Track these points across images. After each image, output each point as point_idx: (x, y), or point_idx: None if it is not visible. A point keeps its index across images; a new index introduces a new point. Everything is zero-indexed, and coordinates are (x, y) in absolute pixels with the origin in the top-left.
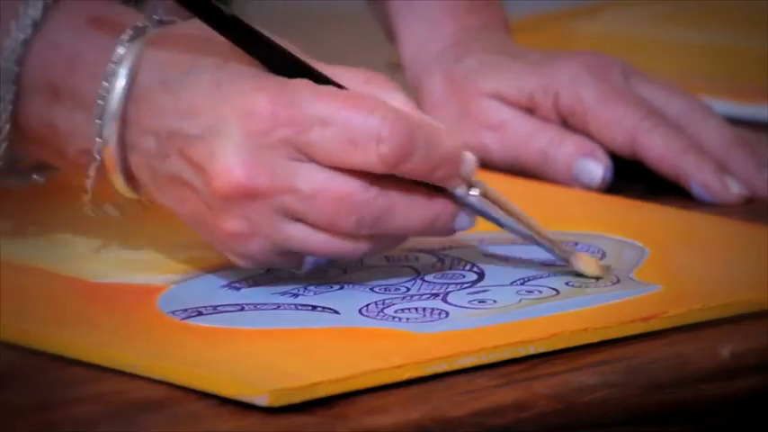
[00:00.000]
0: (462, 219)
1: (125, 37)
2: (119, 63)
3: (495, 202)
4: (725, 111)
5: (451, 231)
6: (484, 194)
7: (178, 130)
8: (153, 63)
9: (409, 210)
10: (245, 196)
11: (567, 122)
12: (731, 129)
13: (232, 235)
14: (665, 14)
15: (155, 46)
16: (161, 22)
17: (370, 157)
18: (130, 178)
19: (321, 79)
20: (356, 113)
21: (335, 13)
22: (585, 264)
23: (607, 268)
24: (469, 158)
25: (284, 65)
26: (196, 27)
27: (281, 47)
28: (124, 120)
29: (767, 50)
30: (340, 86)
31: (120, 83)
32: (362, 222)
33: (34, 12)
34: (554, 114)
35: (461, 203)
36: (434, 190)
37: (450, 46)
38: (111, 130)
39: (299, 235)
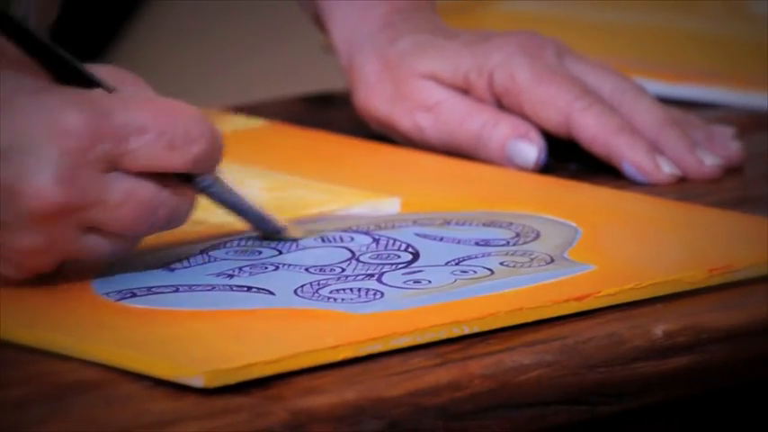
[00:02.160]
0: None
1: None
2: None
3: (225, 186)
4: (657, 91)
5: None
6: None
7: None
8: None
9: (183, 205)
10: (56, 215)
11: (502, 102)
12: (664, 109)
13: (24, 252)
14: None
15: None
16: None
17: (186, 159)
18: None
19: (95, 84)
20: (170, 117)
21: None
22: (291, 231)
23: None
24: None
25: (65, 71)
26: None
27: (59, 51)
28: None
29: (697, 30)
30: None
31: None
32: (155, 225)
33: None
34: (489, 94)
35: (202, 191)
36: (184, 181)
37: (382, 27)
38: None
39: (90, 245)
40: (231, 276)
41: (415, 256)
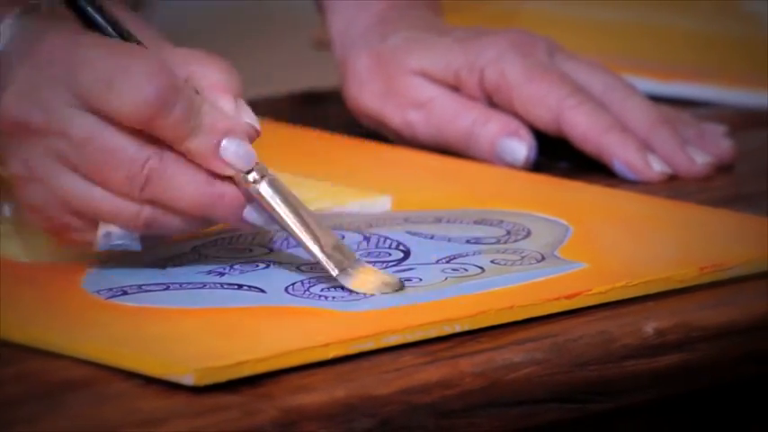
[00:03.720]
0: (251, 212)
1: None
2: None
3: (281, 196)
4: (648, 89)
5: (239, 219)
6: (271, 187)
7: None
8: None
9: (187, 181)
10: (20, 132)
11: (493, 99)
12: (654, 107)
13: (15, 179)
14: None
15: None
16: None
17: (124, 102)
18: None
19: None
20: (120, 59)
21: None
22: (358, 282)
23: (397, 283)
24: (245, 150)
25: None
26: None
27: (121, 27)
28: None
29: (689, 28)
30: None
31: None
32: (133, 180)
33: None
34: (479, 92)
35: (247, 193)
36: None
37: (377, 23)
38: None
39: (77, 187)
40: (222, 274)
41: (406, 254)
